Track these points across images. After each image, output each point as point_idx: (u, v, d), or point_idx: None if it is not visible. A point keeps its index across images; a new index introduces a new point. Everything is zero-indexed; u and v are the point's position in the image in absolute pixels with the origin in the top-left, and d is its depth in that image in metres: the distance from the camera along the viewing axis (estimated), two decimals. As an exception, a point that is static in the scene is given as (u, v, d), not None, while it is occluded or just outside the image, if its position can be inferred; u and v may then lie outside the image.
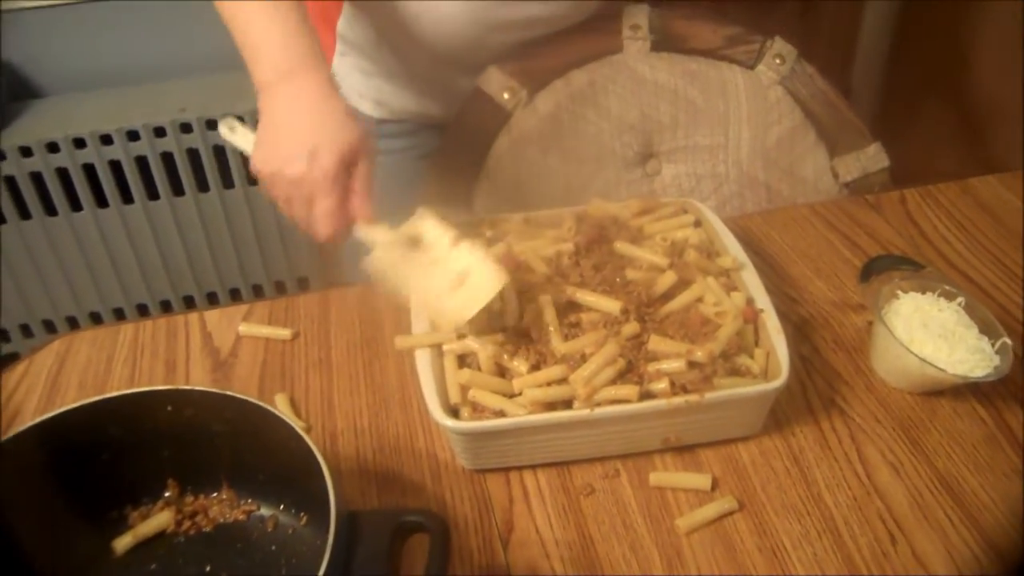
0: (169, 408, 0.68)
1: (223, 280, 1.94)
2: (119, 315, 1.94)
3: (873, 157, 1.12)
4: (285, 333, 0.90)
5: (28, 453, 0.65)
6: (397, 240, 0.76)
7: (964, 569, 0.68)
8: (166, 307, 1.95)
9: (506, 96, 1.08)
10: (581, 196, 1.06)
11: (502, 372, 0.76)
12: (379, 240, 0.75)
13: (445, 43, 1.06)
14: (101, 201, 1.77)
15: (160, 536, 0.71)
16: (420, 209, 0.78)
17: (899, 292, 0.84)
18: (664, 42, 1.12)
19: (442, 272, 0.75)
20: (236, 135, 0.83)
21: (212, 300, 1.96)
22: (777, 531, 0.71)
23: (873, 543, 0.70)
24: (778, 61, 1.11)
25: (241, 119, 0.85)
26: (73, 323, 1.94)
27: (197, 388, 0.68)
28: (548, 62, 1.09)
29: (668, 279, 0.81)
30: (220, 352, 0.89)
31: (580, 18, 1.09)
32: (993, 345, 0.80)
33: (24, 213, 1.75)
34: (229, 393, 0.67)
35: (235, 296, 1.96)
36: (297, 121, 0.79)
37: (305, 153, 0.76)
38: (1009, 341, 0.79)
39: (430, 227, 0.77)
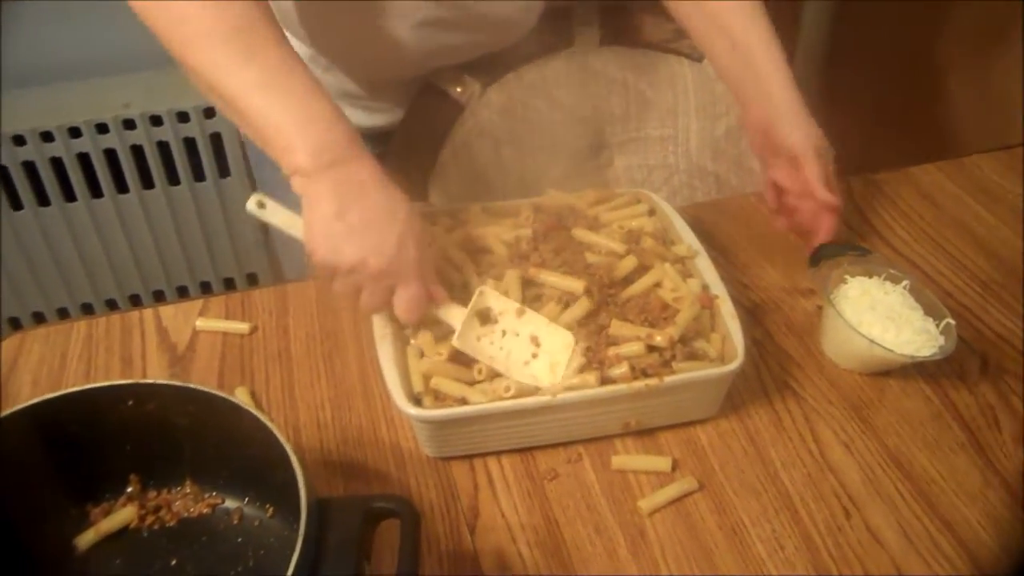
0: (131, 403, 0.67)
1: (170, 278, 1.91)
2: (63, 314, 1.90)
3: (818, 147, 1.15)
4: (243, 327, 0.89)
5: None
6: (470, 322, 0.77)
7: (915, 540, 0.71)
8: (112, 305, 1.92)
9: (459, 90, 1.09)
10: (535, 188, 1.07)
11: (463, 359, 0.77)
12: (456, 320, 0.76)
13: (390, 66, 1.06)
14: (42, 199, 1.74)
15: (123, 532, 0.70)
16: (481, 287, 0.79)
17: (847, 277, 0.87)
18: (613, 36, 1.13)
19: (517, 341, 0.77)
20: (267, 212, 0.78)
21: (159, 298, 1.93)
22: (736, 509, 0.73)
23: (828, 518, 0.72)
24: (725, 54, 1.13)
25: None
26: (16, 325, 1.90)
27: (159, 381, 0.67)
28: (500, 57, 1.10)
29: (629, 263, 0.82)
30: (177, 347, 0.88)
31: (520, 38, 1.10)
32: (937, 326, 0.82)
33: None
34: (192, 386, 0.67)
35: (183, 293, 1.94)
36: (369, 211, 0.73)
37: (393, 243, 0.73)
38: (952, 321, 0.82)
39: (494, 300, 0.79)
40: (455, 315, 0.77)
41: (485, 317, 0.78)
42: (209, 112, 1.69)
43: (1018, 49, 1.56)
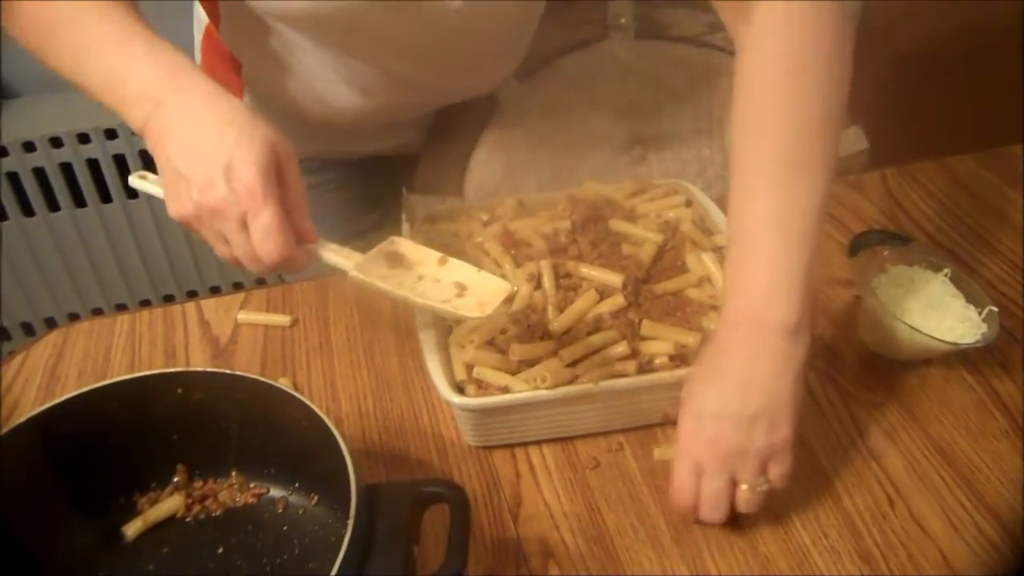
0: (179, 391, 0.68)
1: (204, 278, 1.93)
2: (74, 320, 1.93)
3: (852, 140, 1.15)
4: (284, 320, 0.90)
5: (32, 443, 0.65)
6: (374, 259, 0.71)
7: (960, 528, 0.70)
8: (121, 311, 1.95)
9: (493, 84, 1.10)
10: (570, 182, 1.07)
11: (499, 348, 0.77)
12: (350, 261, 0.70)
13: (343, 124, 1.01)
14: (52, 205, 1.76)
15: (170, 521, 0.71)
16: (393, 237, 0.72)
17: (886, 265, 0.87)
18: (647, 30, 1.13)
19: (437, 286, 0.70)
20: (149, 183, 0.74)
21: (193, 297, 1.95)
22: (781, 497, 0.73)
23: (872, 506, 0.72)
24: (759, 46, 1.13)
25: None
26: (28, 330, 1.94)
27: (207, 370, 0.69)
28: (534, 50, 1.10)
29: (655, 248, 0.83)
30: (219, 340, 0.89)
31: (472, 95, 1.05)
32: (979, 313, 0.82)
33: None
34: (240, 373, 0.68)
35: (216, 293, 1.96)
36: (195, 140, 0.66)
37: (218, 171, 0.64)
38: (995, 308, 0.81)
39: (410, 248, 0.72)
40: (343, 255, 0.70)
41: (395, 260, 0.71)
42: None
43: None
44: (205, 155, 0.65)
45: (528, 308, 0.78)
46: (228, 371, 0.68)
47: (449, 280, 0.71)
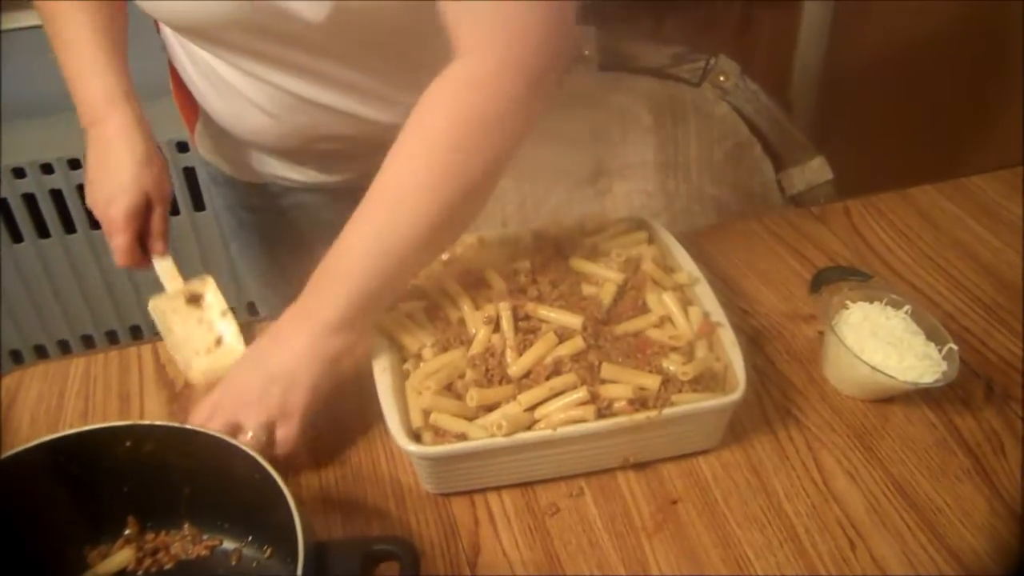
0: (128, 444, 0.67)
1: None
2: (64, 347, 1.91)
3: (817, 170, 1.15)
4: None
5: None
6: (181, 291, 0.91)
7: (922, 571, 0.70)
8: (112, 337, 1.92)
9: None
10: (535, 215, 1.07)
11: (456, 393, 0.76)
12: (169, 282, 0.91)
13: (264, 147, 1.04)
14: (42, 231, 1.75)
15: (121, 575, 0.69)
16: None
17: (848, 302, 0.86)
18: (611, 61, 1.14)
19: (204, 333, 0.90)
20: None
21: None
22: (740, 542, 0.72)
23: (834, 550, 0.72)
24: (723, 78, 1.13)
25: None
26: (17, 358, 1.90)
27: (157, 423, 0.67)
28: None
29: (615, 288, 0.83)
30: (175, 383, 0.88)
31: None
32: (940, 351, 0.82)
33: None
34: (189, 427, 0.67)
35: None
36: (101, 170, 0.91)
37: (103, 201, 0.90)
38: (955, 347, 0.81)
39: (211, 291, 0.91)
40: (167, 274, 0.92)
41: (194, 300, 0.89)
42: (208, 141, 1.70)
43: (1017, 68, 1.56)
44: (101, 184, 0.91)
45: (487, 352, 0.78)
46: (176, 424, 0.67)
47: (216, 332, 0.90)
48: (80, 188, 1.70)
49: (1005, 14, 1.66)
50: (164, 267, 0.92)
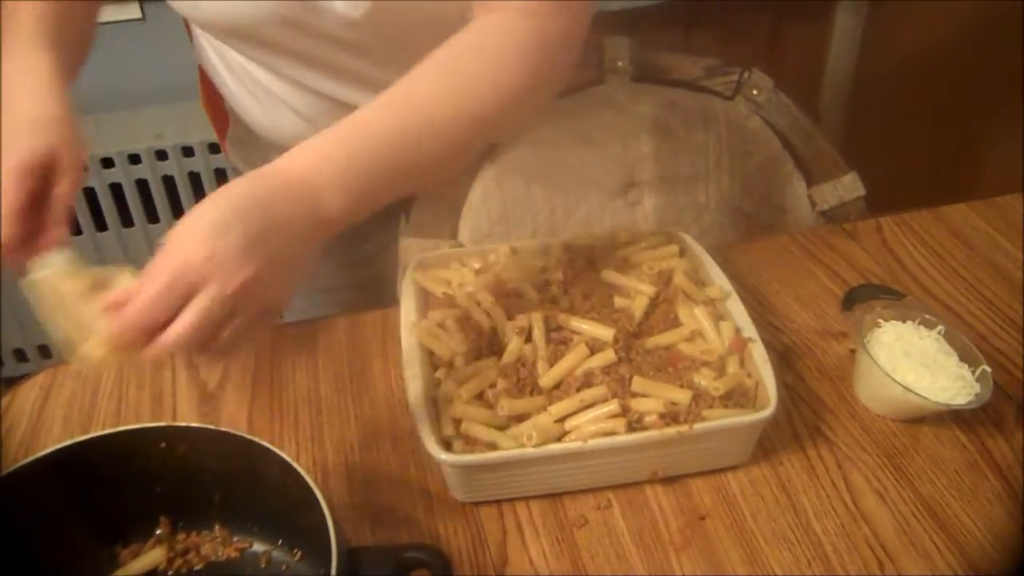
0: (162, 445, 0.68)
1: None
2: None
3: (849, 186, 1.15)
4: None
5: (13, 497, 0.64)
6: (81, 278, 0.66)
7: (951, 595, 0.70)
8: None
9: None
10: (565, 225, 1.07)
11: (487, 402, 0.76)
12: (60, 268, 0.67)
13: None
14: (75, 229, 1.76)
15: (152, 574, 0.70)
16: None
17: (881, 321, 0.86)
18: (644, 73, 1.14)
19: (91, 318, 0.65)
20: None
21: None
22: (768, 560, 0.72)
23: (862, 569, 0.71)
24: (755, 92, 1.13)
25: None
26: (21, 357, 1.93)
27: (191, 425, 0.68)
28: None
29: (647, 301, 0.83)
30: (207, 384, 0.89)
31: None
32: (973, 372, 0.81)
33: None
34: (224, 430, 0.67)
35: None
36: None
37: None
38: (988, 368, 0.81)
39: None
40: (62, 265, 0.67)
41: (100, 286, 0.66)
42: (239, 143, 1.71)
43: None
44: None
45: (518, 362, 0.78)
46: (210, 426, 0.67)
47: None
48: (112, 187, 1.72)
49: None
50: (61, 259, 0.68)
